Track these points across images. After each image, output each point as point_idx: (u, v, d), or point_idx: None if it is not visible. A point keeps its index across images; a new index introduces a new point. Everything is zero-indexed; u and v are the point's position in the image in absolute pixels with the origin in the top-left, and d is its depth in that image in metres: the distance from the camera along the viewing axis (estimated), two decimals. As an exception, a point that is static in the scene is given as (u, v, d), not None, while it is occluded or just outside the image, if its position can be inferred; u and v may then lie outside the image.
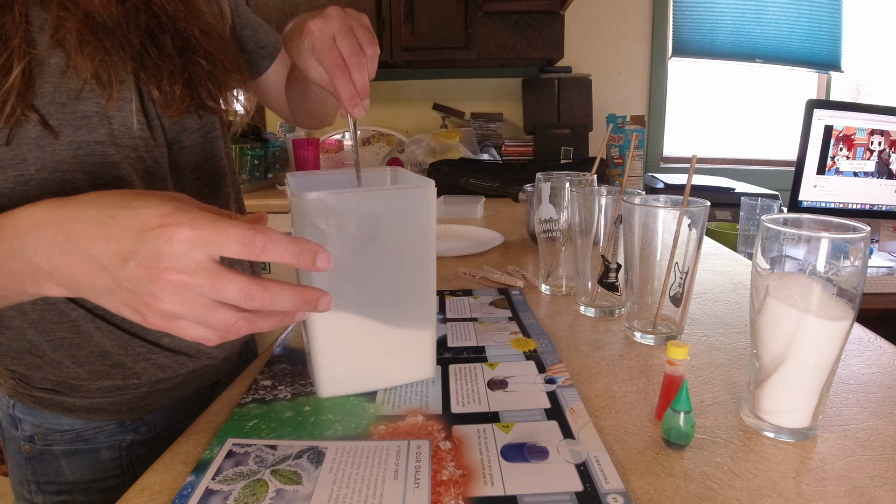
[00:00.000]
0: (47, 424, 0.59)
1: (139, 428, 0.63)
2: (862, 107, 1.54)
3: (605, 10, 2.45)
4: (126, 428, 0.62)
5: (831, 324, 0.41)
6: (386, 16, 2.13)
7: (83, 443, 0.60)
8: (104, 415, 0.60)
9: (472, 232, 1.23)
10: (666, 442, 0.43)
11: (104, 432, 0.61)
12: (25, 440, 0.60)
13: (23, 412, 0.59)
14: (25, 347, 0.55)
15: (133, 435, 0.62)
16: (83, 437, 0.60)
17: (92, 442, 0.60)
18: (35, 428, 0.59)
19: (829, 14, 2.40)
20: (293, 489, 0.38)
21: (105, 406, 0.59)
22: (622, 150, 1.80)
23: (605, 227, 0.69)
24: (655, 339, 0.62)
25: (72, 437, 0.60)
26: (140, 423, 0.63)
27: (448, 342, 0.62)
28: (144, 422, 0.63)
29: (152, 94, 0.53)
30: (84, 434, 0.60)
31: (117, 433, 0.61)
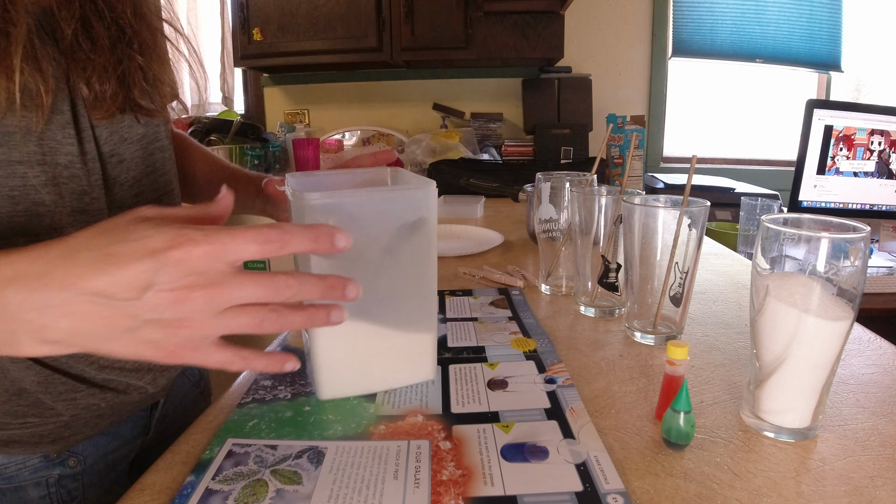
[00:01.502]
0: None
1: (66, 461, 0.55)
2: (862, 107, 1.54)
3: (605, 10, 2.45)
4: (52, 462, 0.54)
5: (831, 324, 0.41)
6: (386, 16, 2.13)
7: (6, 481, 0.52)
8: (24, 447, 0.52)
9: (472, 232, 1.23)
10: (666, 442, 0.43)
11: (28, 468, 0.53)
12: None
13: None
14: None
15: (61, 469, 0.54)
16: (5, 475, 0.52)
17: (15, 479, 0.52)
18: None
19: (829, 14, 2.40)
20: (293, 489, 0.38)
21: (24, 438, 0.51)
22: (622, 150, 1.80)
23: (605, 227, 0.69)
24: (655, 339, 0.62)
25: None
26: (67, 455, 0.55)
27: (448, 342, 0.62)
28: (72, 453, 0.55)
29: (81, 93, 0.47)
30: (5, 472, 0.52)
31: (42, 468, 0.53)
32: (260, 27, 2.17)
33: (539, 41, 2.14)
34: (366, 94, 2.58)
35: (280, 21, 2.15)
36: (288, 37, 2.16)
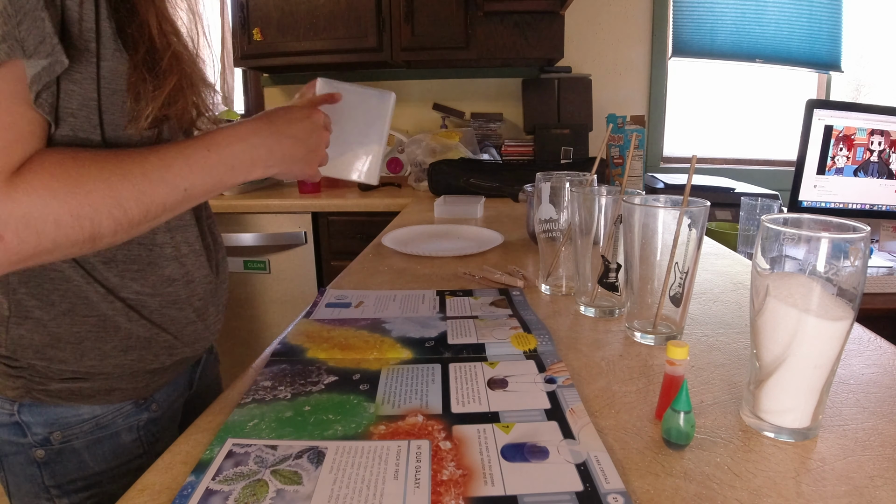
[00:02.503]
0: (64, 419, 0.58)
1: (150, 406, 0.64)
2: (862, 107, 1.54)
3: (605, 10, 2.45)
4: (140, 407, 0.63)
5: (831, 324, 0.41)
6: (386, 16, 2.13)
7: (103, 430, 0.60)
8: (123, 394, 0.61)
9: (472, 232, 1.23)
10: (666, 442, 0.43)
11: (122, 414, 0.61)
12: (38, 445, 0.58)
13: (32, 414, 0.58)
14: (46, 341, 0.55)
15: (147, 413, 0.64)
16: (102, 424, 0.60)
17: (111, 427, 0.61)
18: (49, 427, 0.58)
19: (829, 14, 2.40)
20: (293, 489, 0.38)
21: (123, 385, 0.61)
22: (622, 150, 1.80)
23: (605, 227, 0.69)
24: (655, 339, 0.62)
25: (92, 427, 0.60)
26: (151, 401, 0.64)
27: (448, 339, 0.62)
28: (154, 399, 0.65)
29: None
30: (103, 420, 0.60)
31: (133, 414, 0.62)
32: (260, 27, 2.17)
33: (539, 41, 2.14)
34: (366, 94, 2.58)
35: (280, 21, 2.15)
36: (288, 37, 2.16)
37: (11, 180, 0.41)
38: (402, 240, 1.16)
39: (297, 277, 2.01)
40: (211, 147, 0.52)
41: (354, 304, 0.76)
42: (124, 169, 0.46)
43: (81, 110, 0.49)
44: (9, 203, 0.41)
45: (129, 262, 0.57)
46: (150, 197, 0.47)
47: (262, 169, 0.57)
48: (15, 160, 0.42)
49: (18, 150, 0.42)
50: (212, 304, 0.67)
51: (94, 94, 0.49)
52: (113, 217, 0.45)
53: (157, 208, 0.48)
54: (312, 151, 0.63)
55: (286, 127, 0.59)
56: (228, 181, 0.54)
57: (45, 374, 0.57)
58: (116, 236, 0.47)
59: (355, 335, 0.64)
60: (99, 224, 0.45)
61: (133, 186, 0.46)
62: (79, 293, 0.55)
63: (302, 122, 0.61)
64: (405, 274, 0.93)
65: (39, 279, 0.54)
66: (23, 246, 0.42)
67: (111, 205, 0.45)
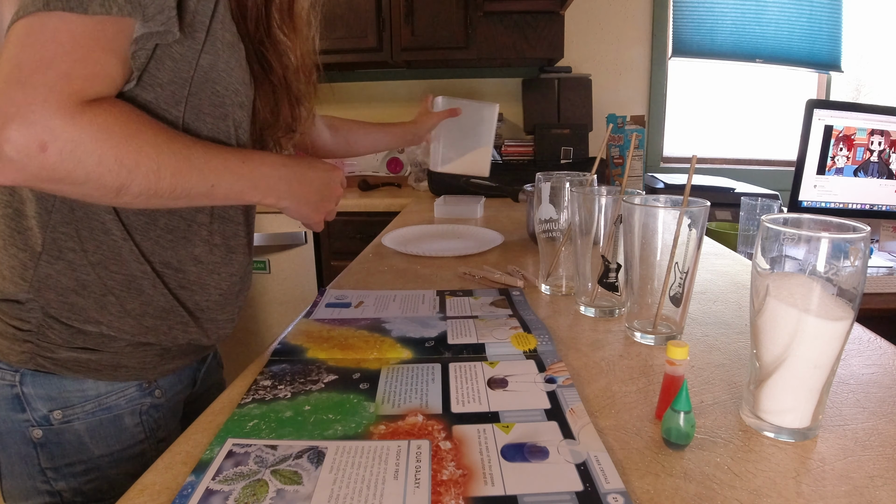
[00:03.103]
0: (67, 394, 0.58)
1: (153, 391, 0.65)
2: (862, 107, 1.54)
3: (605, 10, 2.45)
4: (144, 391, 0.63)
5: (831, 324, 0.41)
6: (386, 16, 2.13)
7: (105, 411, 0.60)
8: (128, 373, 0.61)
9: (472, 232, 1.23)
10: (666, 442, 0.43)
11: (125, 397, 0.62)
12: (36, 423, 0.58)
13: (34, 386, 0.57)
14: (73, 286, 0.56)
15: (150, 398, 0.64)
16: (105, 405, 0.60)
17: (114, 409, 0.61)
18: (51, 403, 0.58)
19: (829, 14, 2.40)
20: (293, 489, 0.38)
21: (130, 363, 0.61)
22: (622, 150, 1.80)
23: (605, 227, 0.69)
24: (655, 339, 0.62)
25: (94, 407, 0.60)
26: (154, 387, 0.65)
27: (448, 339, 0.62)
28: (157, 385, 0.65)
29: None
30: (106, 401, 0.60)
31: (136, 397, 0.63)
32: (260, 27, 2.16)
33: (539, 41, 2.14)
34: (366, 94, 2.59)
35: (280, 21, 2.15)
36: (288, 37, 2.15)
37: (82, 106, 0.44)
38: (403, 240, 1.16)
39: (297, 277, 2.01)
40: (246, 161, 0.56)
41: (354, 304, 0.76)
42: (174, 145, 0.50)
43: (170, 85, 0.53)
44: (69, 122, 0.43)
45: (167, 231, 0.59)
46: (184, 178, 0.50)
47: (275, 198, 0.60)
48: (90, 93, 0.45)
49: (97, 86, 0.46)
50: (230, 303, 0.68)
51: (187, 75, 0.54)
52: (147, 179, 0.48)
53: (183, 190, 0.51)
54: (323, 201, 0.66)
55: (309, 172, 0.64)
56: (247, 195, 0.57)
57: (55, 340, 0.57)
58: (139, 198, 0.49)
59: (355, 335, 0.64)
60: (132, 179, 0.47)
61: (175, 162, 0.49)
62: (113, 247, 0.56)
63: (323, 173, 0.66)
64: (405, 274, 0.93)
65: (81, 224, 0.55)
66: (60, 164, 0.43)
67: (151, 168, 0.48)
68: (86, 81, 0.45)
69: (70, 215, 0.55)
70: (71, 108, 0.43)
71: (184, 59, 0.53)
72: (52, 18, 0.44)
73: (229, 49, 0.55)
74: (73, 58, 0.44)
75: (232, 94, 0.57)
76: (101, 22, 0.45)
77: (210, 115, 0.56)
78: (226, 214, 0.64)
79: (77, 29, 0.44)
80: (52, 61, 0.43)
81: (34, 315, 0.56)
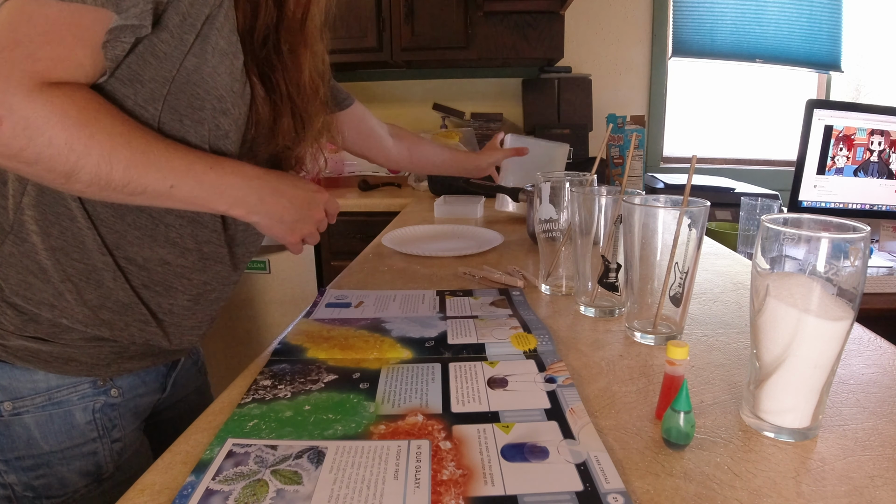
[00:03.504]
0: (17, 385, 0.58)
1: (109, 390, 0.63)
2: (862, 107, 1.54)
3: (605, 10, 2.45)
4: (98, 389, 0.62)
5: (831, 324, 0.41)
6: (386, 16, 2.13)
7: (56, 406, 0.59)
8: (80, 368, 0.60)
9: (472, 232, 1.23)
10: (666, 442, 0.43)
11: (77, 392, 0.61)
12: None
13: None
14: (33, 268, 0.56)
15: (105, 397, 0.63)
16: (55, 400, 0.59)
17: (65, 404, 0.60)
18: (2, 393, 0.58)
19: (829, 14, 2.40)
20: (293, 489, 0.38)
21: (83, 358, 0.60)
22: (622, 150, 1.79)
23: (605, 227, 0.69)
24: (655, 339, 0.62)
25: (44, 401, 0.59)
26: (110, 385, 0.63)
27: (448, 339, 0.62)
28: (114, 384, 0.64)
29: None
30: (57, 395, 0.59)
31: (90, 394, 0.61)
32: (260, 27, 2.16)
33: (539, 41, 2.14)
34: (366, 94, 2.59)
35: (280, 21, 2.15)
36: (288, 37, 2.16)
37: (40, 86, 0.45)
38: (402, 240, 1.16)
39: (297, 277, 2.01)
40: (214, 167, 0.55)
41: (354, 304, 0.76)
42: (133, 139, 0.50)
43: (150, 83, 0.53)
44: (25, 100, 0.44)
45: (134, 228, 0.58)
46: (137, 173, 0.50)
47: (244, 210, 0.58)
48: (53, 76, 0.46)
49: (60, 70, 0.46)
50: (201, 310, 0.67)
51: (169, 75, 0.53)
52: (97, 168, 0.48)
53: (138, 186, 0.50)
54: (300, 222, 0.64)
55: (288, 189, 0.62)
56: (212, 203, 0.56)
57: (7, 327, 0.56)
58: (91, 187, 0.49)
59: (355, 335, 0.64)
60: (82, 166, 0.47)
61: (129, 155, 0.49)
62: (77, 235, 0.56)
63: (305, 193, 0.64)
64: (405, 274, 0.93)
65: (46, 207, 0.55)
66: (11, 141, 0.44)
67: (101, 157, 0.47)
68: (51, 63, 0.46)
69: (38, 198, 0.55)
70: (31, 87, 0.44)
71: (168, 59, 0.53)
72: (31, 2, 0.45)
73: (220, 56, 0.55)
74: (43, 40, 0.45)
75: (214, 100, 0.56)
76: (77, 10, 0.46)
77: (188, 117, 0.56)
78: (199, 218, 0.62)
79: (52, 14, 0.45)
80: (21, 41, 0.44)
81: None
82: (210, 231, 0.63)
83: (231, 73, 0.56)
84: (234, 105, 0.58)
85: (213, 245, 0.64)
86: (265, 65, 0.60)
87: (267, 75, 0.60)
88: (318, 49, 0.67)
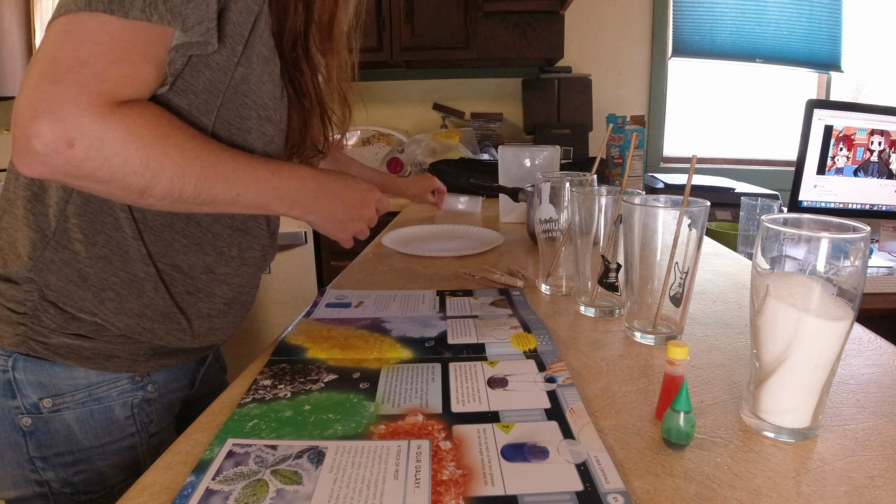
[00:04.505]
0: (57, 381, 0.58)
1: (146, 385, 0.65)
2: (862, 107, 1.54)
3: (605, 10, 2.45)
4: (136, 384, 0.63)
5: (831, 324, 0.41)
6: (386, 16, 2.13)
7: (96, 402, 0.60)
8: (120, 364, 0.61)
9: (472, 232, 1.23)
10: (666, 442, 0.43)
11: (116, 388, 0.62)
12: (26, 411, 0.58)
13: (26, 372, 0.57)
14: (74, 276, 0.56)
15: (143, 392, 0.64)
16: (95, 396, 0.60)
17: (105, 400, 0.61)
18: (41, 390, 0.58)
19: (829, 14, 2.40)
20: (293, 489, 0.38)
21: (122, 354, 0.61)
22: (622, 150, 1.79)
23: (605, 227, 0.69)
24: (655, 339, 0.62)
25: (84, 397, 0.60)
26: (147, 381, 0.65)
27: (448, 339, 0.62)
28: (151, 380, 0.65)
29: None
30: (97, 391, 0.60)
31: (128, 390, 0.63)
32: (260, 27, 2.16)
33: (539, 41, 2.14)
34: (366, 94, 2.59)
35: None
36: (288, 37, 2.16)
37: (112, 106, 0.45)
38: (402, 240, 1.16)
39: (297, 277, 2.01)
40: (276, 173, 0.57)
41: (354, 304, 0.76)
42: (202, 152, 0.51)
43: (204, 93, 0.54)
44: (98, 121, 0.44)
45: (182, 236, 0.59)
46: (208, 184, 0.51)
47: (301, 211, 0.61)
48: (122, 95, 0.46)
49: (128, 89, 0.47)
50: (233, 311, 0.68)
51: (221, 85, 0.54)
52: (172, 183, 0.49)
53: (208, 196, 0.52)
54: (352, 221, 0.67)
55: (340, 190, 0.64)
56: (273, 206, 0.58)
57: (48, 325, 0.57)
58: (163, 201, 0.50)
59: (355, 335, 0.64)
60: (157, 182, 0.48)
61: (201, 168, 0.50)
62: (122, 244, 0.57)
63: (357, 193, 0.67)
64: (405, 274, 0.93)
65: (93, 216, 0.56)
66: (86, 162, 0.44)
67: (175, 172, 0.48)
68: (119, 82, 0.46)
69: (84, 207, 0.55)
70: (101, 108, 0.44)
71: (220, 69, 0.53)
72: (92, 18, 0.44)
73: (263, 63, 0.56)
74: (109, 59, 0.45)
75: (260, 108, 0.57)
76: (140, 27, 0.46)
77: (235, 126, 0.57)
78: (245, 227, 0.64)
79: (116, 31, 0.45)
80: (88, 60, 0.44)
81: (30, 297, 0.57)
82: (253, 237, 0.65)
83: (272, 79, 0.57)
84: (275, 111, 0.59)
85: (253, 251, 0.66)
86: (294, 69, 0.60)
87: (296, 80, 0.61)
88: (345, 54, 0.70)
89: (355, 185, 0.67)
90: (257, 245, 0.66)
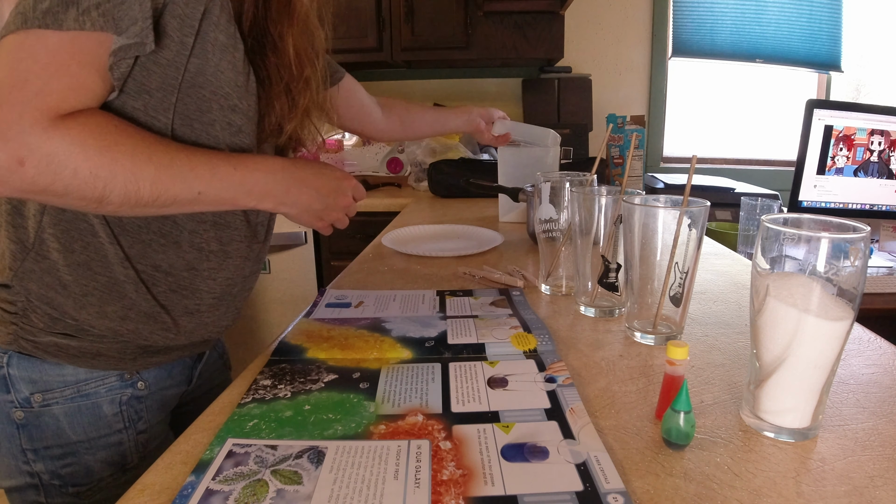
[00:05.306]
0: (47, 378, 0.60)
1: (136, 383, 0.65)
2: (862, 107, 1.54)
3: (605, 10, 2.45)
4: (125, 382, 0.64)
5: (831, 324, 0.41)
6: (386, 16, 2.13)
7: (84, 398, 0.61)
8: (108, 362, 0.62)
9: (472, 232, 1.23)
10: (666, 442, 0.43)
11: (105, 385, 0.62)
12: (19, 405, 0.60)
13: (19, 367, 0.59)
14: (54, 284, 0.57)
15: (132, 390, 0.64)
16: (84, 392, 0.61)
17: (93, 396, 0.62)
18: (33, 385, 0.59)
19: (829, 14, 2.40)
20: (293, 489, 0.38)
21: (110, 353, 0.62)
22: (622, 150, 1.79)
23: (605, 227, 0.69)
24: (655, 339, 0.62)
25: (73, 393, 0.61)
26: (137, 378, 0.65)
27: (448, 339, 0.62)
28: (141, 377, 0.65)
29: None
30: (85, 388, 0.61)
31: (117, 387, 0.63)
32: (260, 27, 2.16)
33: (539, 41, 2.14)
34: (366, 93, 2.58)
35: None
36: (288, 37, 2.15)
37: (55, 121, 0.45)
38: (402, 240, 1.16)
39: (297, 277, 2.01)
40: (238, 167, 0.56)
41: (354, 304, 0.76)
42: (154, 154, 0.50)
43: (158, 92, 0.53)
44: (43, 137, 0.44)
45: (159, 236, 0.59)
46: (165, 186, 0.50)
47: (273, 203, 0.59)
48: (66, 107, 0.46)
49: (72, 100, 0.47)
50: (226, 303, 0.68)
51: (175, 81, 0.53)
52: (125, 189, 0.48)
53: (168, 198, 0.51)
54: (328, 209, 0.65)
55: (313, 178, 0.62)
56: (241, 201, 0.57)
57: (37, 324, 0.58)
58: (122, 208, 0.50)
59: (355, 335, 0.64)
60: (110, 190, 0.48)
61: (154, 171, 0.50)
62: (99, 249, 0.57)
63: (331, 181, 0.65)
64: (405, 274, 0.93)
65: (68, 225, 0.56)
66: (38, 178, 0.45)
67: (128, 178, 0.48)
68: (61, 95, 0.46)
69: (59, 216, 0.56)
70: (45, 123, 0.44)
71: (171, 65, 0.52)
72: (29, 36, 0.45)
73: (221, 51, 0.54)
74: (49, 73, 0.45)
75: (221, 98, 0.56)
76: (76, 37, 0.46)
77: (197, 120, 0.56)
78: (224, 221, 0.63)
79: (53, 45, 0.45)
80: (28, 78, 0.44)
81: (20, 298, 0.58)
82: (233, 230, 0.64)
83: (234, 66, 0.56)
84: (241, 99, 0.58)
85: (235, 244, 0.65)
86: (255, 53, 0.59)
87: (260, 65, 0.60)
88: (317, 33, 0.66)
89: (329, 172, 0.65)
90: (238, 237, 0.65)
